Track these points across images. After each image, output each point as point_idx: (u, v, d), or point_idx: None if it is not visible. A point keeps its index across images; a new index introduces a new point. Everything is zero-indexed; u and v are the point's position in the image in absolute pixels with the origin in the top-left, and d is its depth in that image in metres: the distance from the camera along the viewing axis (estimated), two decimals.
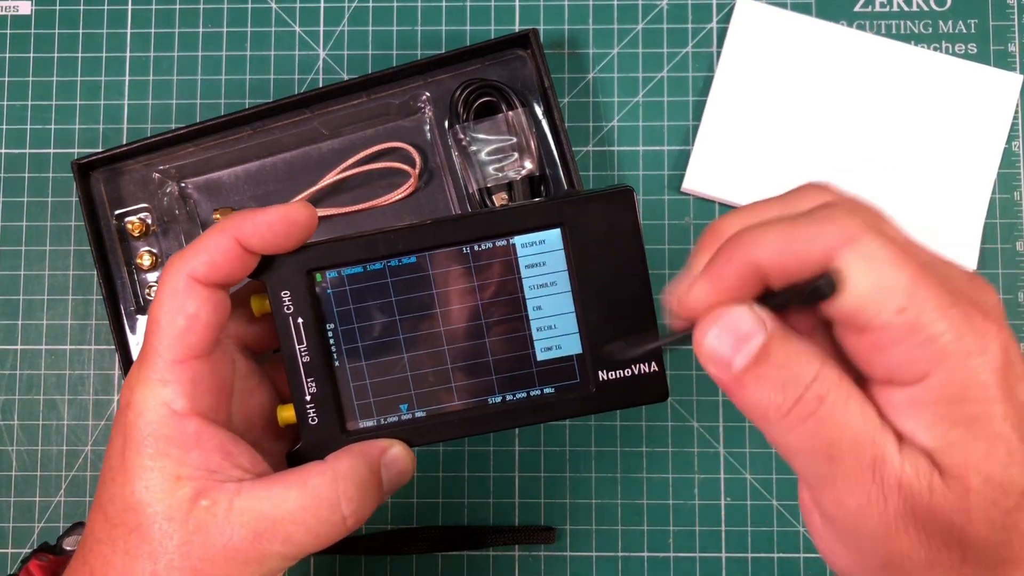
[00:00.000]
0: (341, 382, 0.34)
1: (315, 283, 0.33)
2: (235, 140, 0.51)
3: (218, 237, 0.29)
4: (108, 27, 0.54)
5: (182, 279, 0.29)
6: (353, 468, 0.30)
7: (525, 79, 0.51)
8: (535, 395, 0.35)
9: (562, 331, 0.35)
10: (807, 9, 0.53)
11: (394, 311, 0.34)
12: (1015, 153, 0.53)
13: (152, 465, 0.29)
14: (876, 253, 0.23)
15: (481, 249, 0.34)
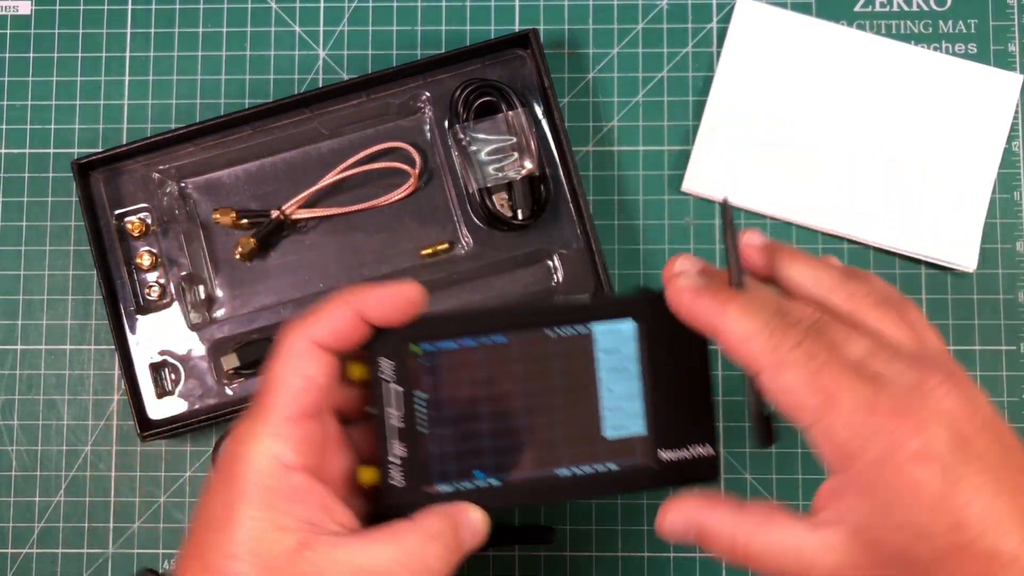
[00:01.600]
0: (426, 448, 0.36)
1: (412, 354, 0.36)
2: (235, 140, 0.51)
3: (342, 308, 0.32)
4: (108, 27, 0.54)
5: (304, 343, 0.32)
6: (441, 528, 0.32)
7: (525, 79, 0.51)
8: (601, 470, 0.37)
9: (629, 413, 0.37)
10: (807, 9, 0.53)
11: (481, 384, 0.37)
12: (1015, 153, 0.53)
13: (259, 515, 0.30)
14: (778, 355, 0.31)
15: (564, 334, 0.37)
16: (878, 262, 0.52)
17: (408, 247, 0.51)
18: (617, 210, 0.53)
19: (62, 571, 0.51)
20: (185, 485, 0.51)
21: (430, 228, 0.51)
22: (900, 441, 0.29)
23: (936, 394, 0.30)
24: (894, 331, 0.33)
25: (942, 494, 0.28)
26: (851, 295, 0.33)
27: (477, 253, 0.51)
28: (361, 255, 0.51)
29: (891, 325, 0.33)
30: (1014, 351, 0.52)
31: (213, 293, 0.51)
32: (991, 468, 0.29)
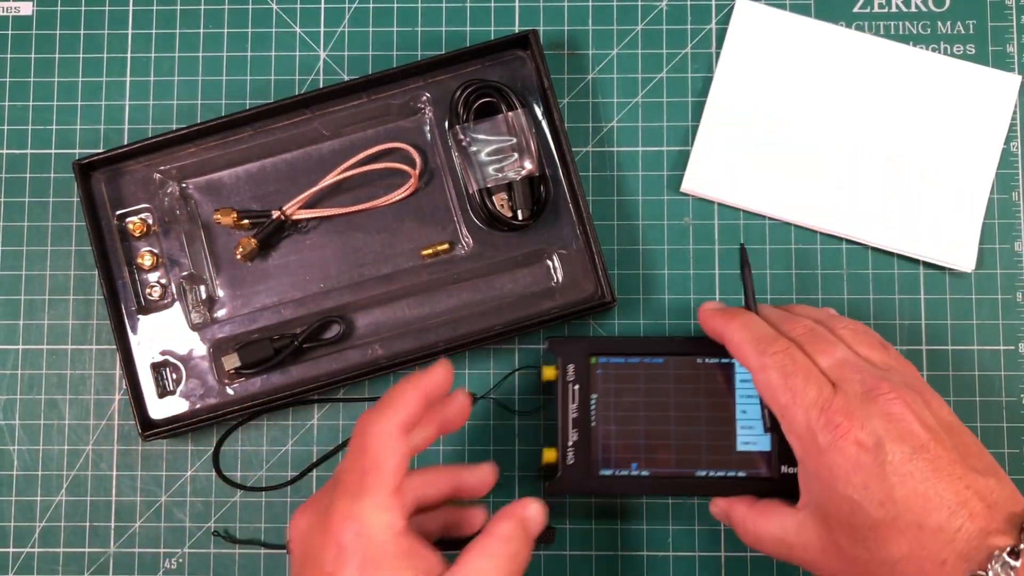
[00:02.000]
0: (594, 438, 0.47)
1: (591, 364, 0.48)
2: (236, 140, 0.51)
3: (415, 395, 0.39)
4: (109, 28, 0.54)
5: (394, 427, 0.37)
6: (512, 529, 0.38)
7: (525, 80, 0.52)
8: (731, 475, 0.47)
9: (758, 432, 0.47)
10: (806, 10, 0.54)
11: (640, 394, 0.48)
12: (1013, 154, 0.53)
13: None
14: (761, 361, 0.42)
15: (710, 363, 0.48)
16: (877, 262, 0.52)
17: (408, 247, 0.52)
18: (617, 210, 0.53)
19: (63, 570, 0.51)
20: (186, 484, 0.52)
21: (430, 228, 0.52)
22: (844, 431, 0.37)
23: (886, 398, 0.38)
24: (869, 352, 0.41)
25: (874, 474, 0.36)
26: (842, 326, 0.42)
27: (477, 253, 0.51)
28: (362, 255, 0.52)
29: (868, 348, 0.41)
30: (1012, 351, 0.52)
31: (214, 293, 0.52)
32: (929, 458, 0.36)
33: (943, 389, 0.51)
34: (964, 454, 0.37)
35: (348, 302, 0.51)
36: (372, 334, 0.51)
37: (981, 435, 0.51)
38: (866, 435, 0.37)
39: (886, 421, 0.37)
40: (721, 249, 0.52)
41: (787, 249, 0.52)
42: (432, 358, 0.50)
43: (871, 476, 0.36)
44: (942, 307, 0.52)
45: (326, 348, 0.51)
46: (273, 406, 0.50)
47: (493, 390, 0.51)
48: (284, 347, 0.50)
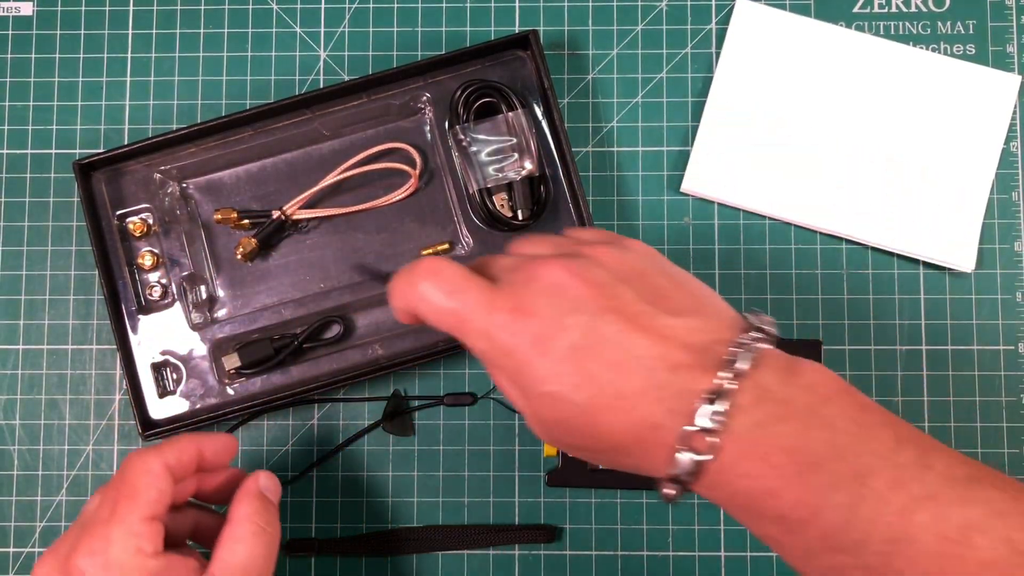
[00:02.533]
0: None
1: None
2: (236, 140, 0.51)
3: (188, 444, 0.42)
4: (110, 28, 0.54)
5: (157, 463, 0.40)
6: (250, 505, 0.41)
7: (525, 80, 0.52)
8: None
9: None
10: (806, 10, 0.54)
11: None
12: (1013, 154, 0.53)
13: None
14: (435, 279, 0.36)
15: None
16: (876, 262, 0.52)
17: (408, 247, 0.52)
18: (617, 210, 0.53)
19: None
20: None
21: (430, 228, 0.52)
22: (517, 326, 0.33)
23: (545, 270, 0.33)
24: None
25: (560, 358, 0.32)
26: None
27: (477, 253, 0.51)
28: (362, 255, 0.52)
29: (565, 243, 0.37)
30: (1012, 351, 0.52)
31: (214, 293, 0.52)
32: (611, 319, 0.32)
33: (943, 389, 0.51)
34: (656, 298, 0.32)
35: (348, 302, 0.51)
36: (372, 334, 0.51)
37: (981, 435, 0.51)
38: (538, 321, 0.32)
39: (550, 296, 0.32)
40: (721, 249, 0.52)
41: (787, 249, 0.52)
42: (432, 358, 0.50)
43: (557, 361, 0.31)
44: (942, 307, 0.52)
45: (326, 348, 0.51)
46: (273, 406, 0.50)
47: (493, 391, 0.51)
48: (284, 347, 0.50)
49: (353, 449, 0.52)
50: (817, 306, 0.52)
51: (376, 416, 0.52)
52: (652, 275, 0.34)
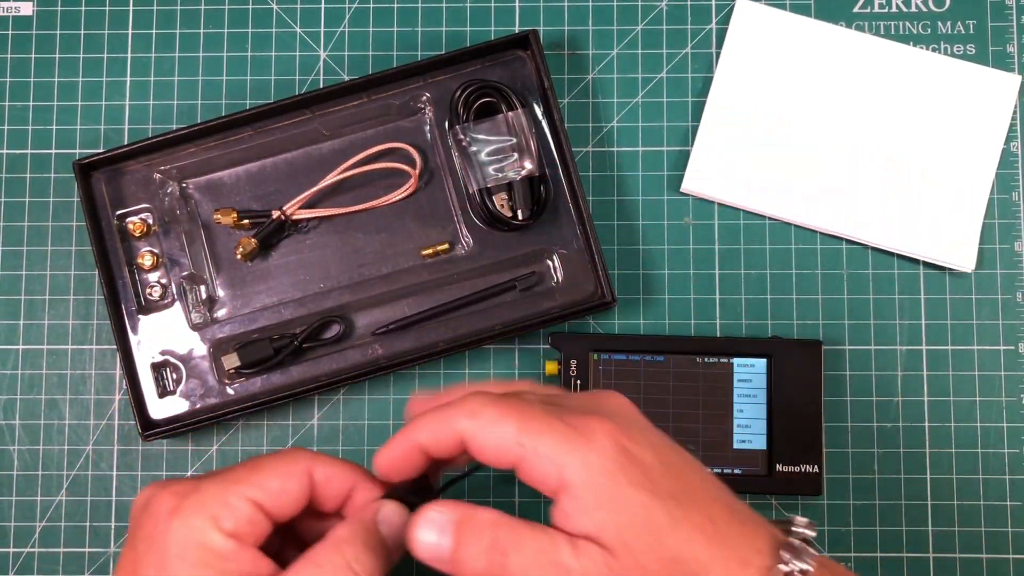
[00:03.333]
0: None
1: (593, 360, 0.49)
2: (236, 140, 0.51)
3: (349, 473, 0.35)
4: (109, 28, 0.54)
5: (304, 467, 0.34)
6: (353, 532, 0.33)
7: (525, 80, 0.52)
8: (727, 472, 0.49)
9: (754, 431, 0.49)
10: (806, 10, 0.54)
11: (640, 391, 0.49)
12: (1013, 154, 0.53)
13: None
14: (486, 420, 0.31)
15: (710, 362, 0.49)
16: (877, 262, 0.52)
17: (408, 247, 0.52)
18: (617, 210, 0.53)
19: (63, 570, 0.51)
20: None
21: (430, 228, 0.52)
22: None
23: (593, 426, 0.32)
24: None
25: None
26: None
27: (477, 253, 0.51)
28: (362, 255, 0.52)
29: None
30: (1012, 351, 0.52)
31: (214, 293, 0.52)
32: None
33: (943, 389, 0.51)
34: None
35: (348, 302, 0.51)
36: (372, 334, 0.51)
37: (981, 435, 0.51)
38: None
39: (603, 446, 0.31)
40: (721, 249, 0.52)
41: (787, 249, 0.52)
42: (432, 358, 0.50)
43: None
44: (942, 307, 0.52)
45: (326, 348, 0.51)
46: (273, 406, 0.50)
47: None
48: (284, 347, 0.50)
49: (354, 449, 0.52)
50: (817, 306, 0.52)
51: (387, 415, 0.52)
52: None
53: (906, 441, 0.51)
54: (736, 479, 0.49)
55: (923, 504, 0.51)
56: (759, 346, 0.50)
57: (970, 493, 0.51)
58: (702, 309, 0.52)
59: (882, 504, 0.51)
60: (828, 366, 0.51)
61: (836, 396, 0.51)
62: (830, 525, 0.51)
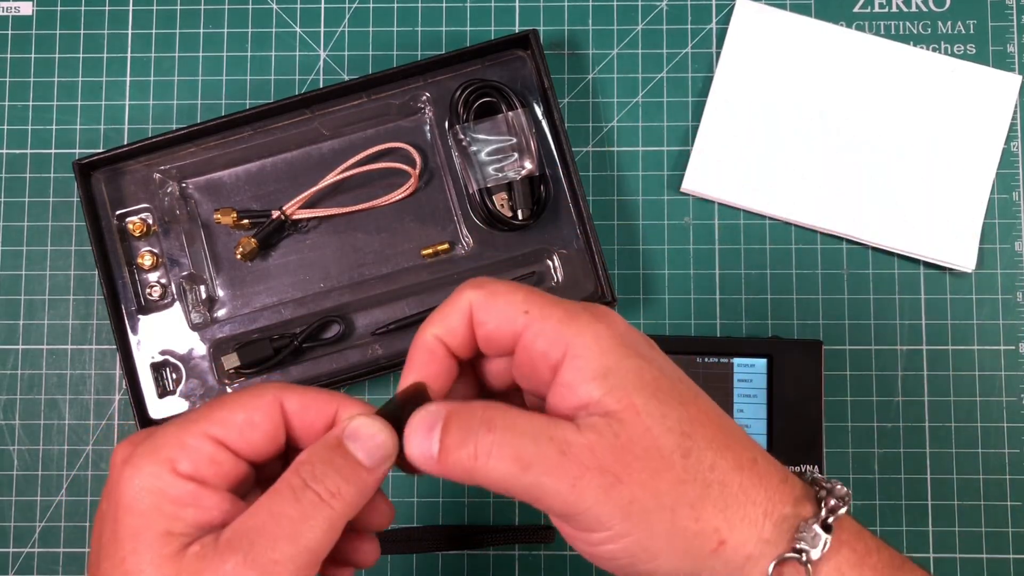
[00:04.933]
0: None
1: None
2: (236, 140, 0.51)
3: (329, 399, 0.32)
4: (109, 28, 0.54)
5: (272, 398, 0.31)
6: (312, 451, 0.30)
7: (525, 80, 0.52)
8: None
9: (754, 431, 0.49)
10: (806, 10, 0.54)
11: None
12: (1014, 154, 0.53)
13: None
14: (493, 289, 0.31)
15: (710, 362, 0.49)
16: (877, 262, 0.52)
17: (408, 247, 0.51)
18: (617, 210, 0.53)
19: (63, 570, 0.51)
20: None
21: (430, 228, 0.52)
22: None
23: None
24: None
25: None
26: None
27: (477, 253, 0.51)
28: (362, 255, 0.52)
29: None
30: (1013, 351, 0.52)
31: (214, 293, 0.52)
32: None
33: (943, 389, 0.51)
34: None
35: (348, 302, 0.51)
36: (372, 334, 0.51)
37: (981, 435, 0.51)
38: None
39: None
40: (721, 249, 0.52)
41: (787, 249, 0.52)
42: None
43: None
44: (943, 307, 0.52)
45: (326, 348, 0.51)
46: None
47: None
48: (284, 347, 0.50)
49: None
50: (817, 306, 0.52)
51: None
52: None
53: (906, 441, 0.51)
54: None
55: (923, 504, 0.51)
56: (759, 346, 0.50)
57: (970, 493, 0.51)
58: (702, 309, 0.52)
59: (882, 504, 0.51)
60: (828, 366, 0.51)
61: (836, 396, 0.51)
62: None
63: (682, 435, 0.29)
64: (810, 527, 0.29)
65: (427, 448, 0.29)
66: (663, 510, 0.28)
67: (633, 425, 0.28)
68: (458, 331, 0.31)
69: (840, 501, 0.30)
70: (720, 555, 0.29)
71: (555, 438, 0.28)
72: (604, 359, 0.29)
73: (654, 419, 0.29)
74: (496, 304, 0.31)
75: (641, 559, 0.29)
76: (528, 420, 0.29)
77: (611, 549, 0.29)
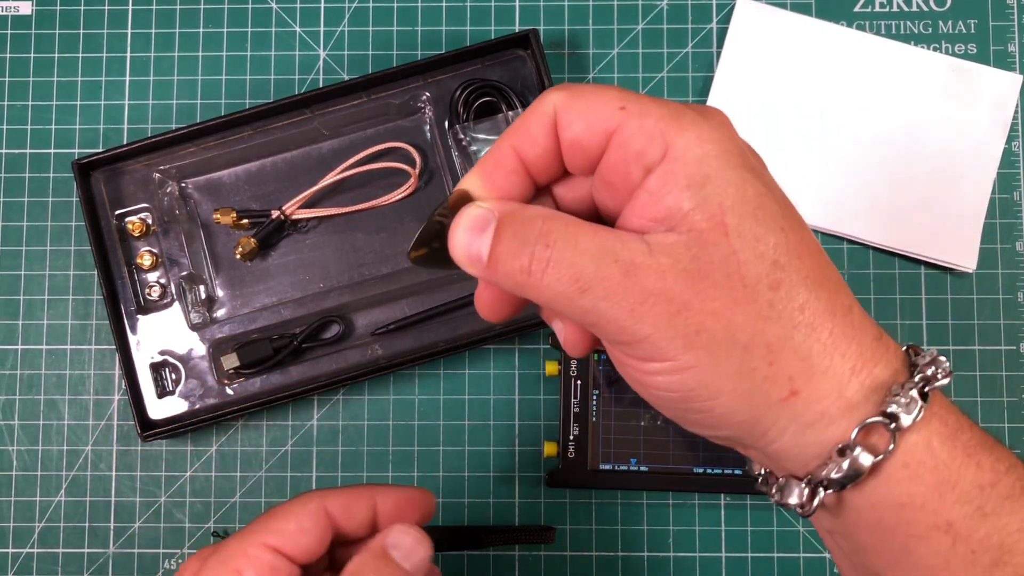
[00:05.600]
0: (594, 432, 0.48)
1: (594, 360, 0.49)
2: (235, 140, 0.51)
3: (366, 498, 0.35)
4: (109, 27, 0.54)
5: (317, 507, 0.34)
6: (361, 562, 0.32)
7: (525, 79, 0.52)
8: (728, 473, 0.48)
9: None
10: (807, 9, 0.53)
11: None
12: (1015, 153, 0.53)
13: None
14: (580, 89, 0.27)
15: None
16: (878, 262, 0.52)
17: (408, 247, 0.51)
18: None
19: (63, 570, 0.51)
20: (186, 485, 0.52)
21: None
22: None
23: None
24: None
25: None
26: None
27: None
28: (361, 255, 0.51)
29: None
30: (1013, 351, 0.52)
31: (214, 293, 0.51)
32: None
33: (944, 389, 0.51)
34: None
35: (347, 302, 0.51)
36: (372, 334, 0.51)
37: None
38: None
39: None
40: None
41: None
42: (432, 358, 0.50)
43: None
44: (943, 307, 0.52)
45: (325, 348, 0.51)
46: (272, 406, 0.50)
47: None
48: (283, 347, 0.50)
49: (353, 449, 0.52)
50: None
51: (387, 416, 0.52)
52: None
53: None
54: (737, 479, 0.49)
55: None
56: None
57: None
58: None
59: None
60: None
61: None
62: None
63: (774, 265, 0.26)
64: (906, 391, 0.26)
65: (475, 250, 0.27)
66: (734, 345, 0.25)
67: (717, 248, 0.25)
68: (539, 139, 0.28)
69: (940, 370, 0.27)
70: (789, 406, 0.26)
71: (620, 259, 0.25)
72: (704, 166, 0.26)
73: (745, 242, 0.25)
74: (586, 102, 0.27)
75: (698, 396, 0.26)
76: (591, 236, 0.26)
77: (666, 381, 0.26)
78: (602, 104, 0.27)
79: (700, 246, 0.25)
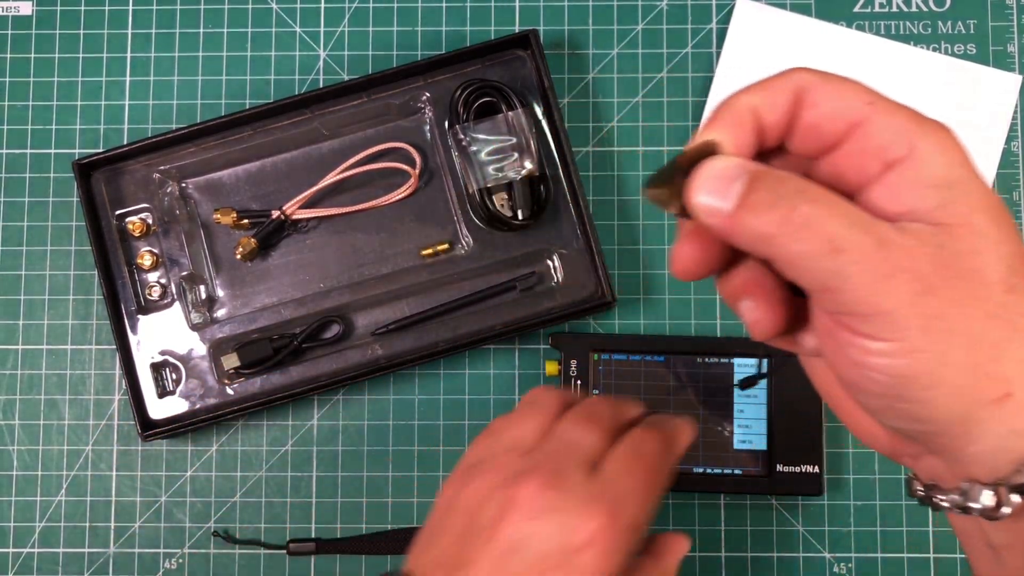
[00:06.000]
0: None
1: (593, 360, 0.49)
2: (236, 140, 0.51)
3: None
4: (109, 27, 0.54)
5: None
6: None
7: (525, 79, 0.52)
8: (727, 472, 0.49)
9: (755, 431, 0.49)
10: (807, 10, 0.53)
11: (641, 391, 0.49)
12: (1014, 154, 0.53)
13: None
14: (829, 75, 0.28)
15: (710, 362, 0.49)
16: None
17: (408, 247, 0.51)
18: (617, 210, 0.53)
19: (63, 570, 0.51)
20: (186, 485, 0.52)
21: (430, 228, 0.52)
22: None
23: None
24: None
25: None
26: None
27: (477, 253, 0.51)
28: (361, 255, 0.52)
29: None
30: None
31: (214, 293, 0.51)
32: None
33: None
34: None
35: (348, 302, 0.51)
36: (372, 334, 0.51)
37: None
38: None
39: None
40: None
41: None
42: (432, 358, 0.50)
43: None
44: None
45: (325, 348, 0.51)
46: (273, 406, 0.50)
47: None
48: (283, 347, 0.50)
49: (353, 449, 0.52)
50: None
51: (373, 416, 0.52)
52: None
53: None
54: (736, 479, 0.49)
55: None
56: (760, 346, 0.50)
57: None
58: (702, 309, 0.52)
59: (883, 504, 0.51)
60: None
61: None
62: (830, 525, 0.51)
63: (1011, 270, 0.26)
64: None
65: (718, 198, 0.27)
66: (967, 338, 0.25)
67: (963, 242, 0.26)
68: (778, 107, 0.29)
69: None
70: (1000, 407, 0.26)
71: (873, 230, 0.25)
72: (951, 170, 0.27)
73: (988, 243, 0.26)
74: (836, 89, 0.29)
75: (919, 384, 0.26)
76: (843, 204, 0.26)
77: (889, 364, 0.26)
78: (852, 94, 0.28)
79: (948, 237, 0.26)
